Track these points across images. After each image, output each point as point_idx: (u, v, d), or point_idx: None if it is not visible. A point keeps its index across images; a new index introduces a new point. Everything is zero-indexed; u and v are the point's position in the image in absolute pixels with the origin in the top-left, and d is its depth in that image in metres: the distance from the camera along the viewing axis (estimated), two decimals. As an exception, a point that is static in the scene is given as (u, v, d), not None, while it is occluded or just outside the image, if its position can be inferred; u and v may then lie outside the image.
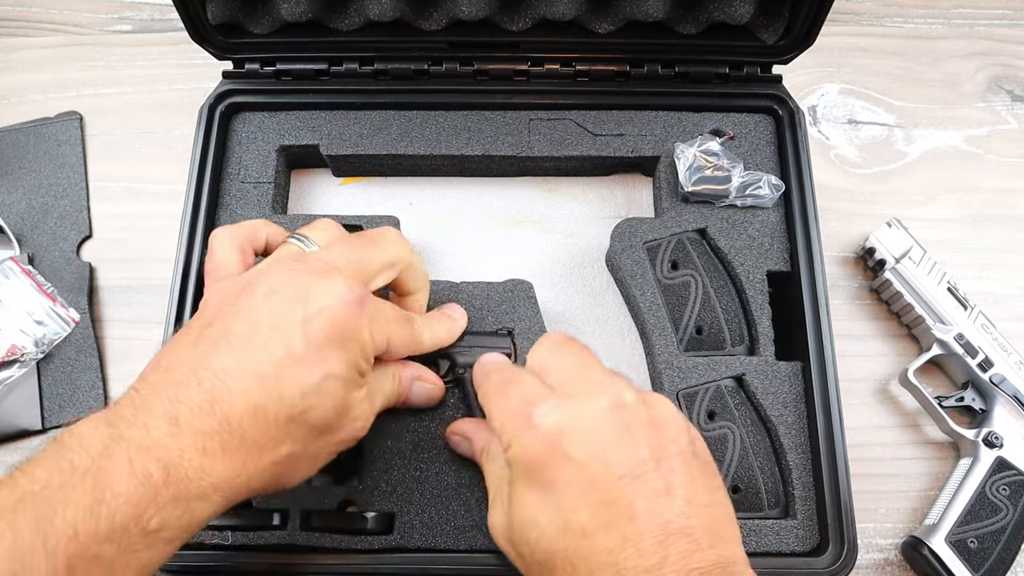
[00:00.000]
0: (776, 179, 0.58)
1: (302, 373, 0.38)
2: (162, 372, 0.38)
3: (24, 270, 0.60)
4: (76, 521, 0.32)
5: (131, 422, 0.35)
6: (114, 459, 0.33)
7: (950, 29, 0.73)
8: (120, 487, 0.33)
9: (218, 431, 0.36)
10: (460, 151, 0.61)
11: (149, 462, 0.34)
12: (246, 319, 0.39)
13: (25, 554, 0.31)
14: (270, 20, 0.59)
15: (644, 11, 0.57)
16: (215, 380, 0.36)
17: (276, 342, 0.38)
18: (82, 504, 0.32)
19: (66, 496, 0.32)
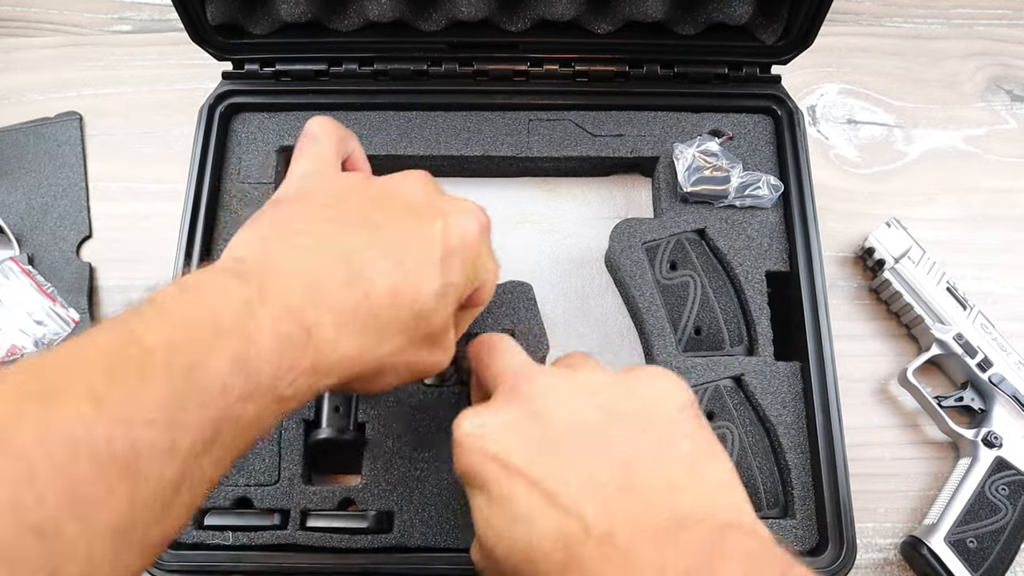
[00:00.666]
0: (775, 179, 0.58)
1: (438, 275, 0.37)
2: (293, 235, 0.37)
3: (24, 270, 0.61)
4: (224, 374, 0.30)
5: (267, 281, 0.33)
6: (256, 318, 0.31)
7: (950, 29, 0.73)
8: (265, 345, 0.31)
9: (354, 308, 0.34)
10: (460, 151, 0.61)
11: (291, 326, 0.32)
12: (388, 212, 0.39)
13: (179, 401, 0.28)
14: (270, 21, 0.59)
15: (643, 11, 0.57)
16: (356, 256, 0.36)
17: (419, 239, 0.37)
18: (229, 357, 0.30)
19: (215, 346, 0.30)
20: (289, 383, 0.32)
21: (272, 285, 0.33)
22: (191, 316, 0.30)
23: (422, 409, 0.54)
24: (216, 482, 0.31)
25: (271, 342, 0.31)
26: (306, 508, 0.51)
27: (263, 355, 0.31)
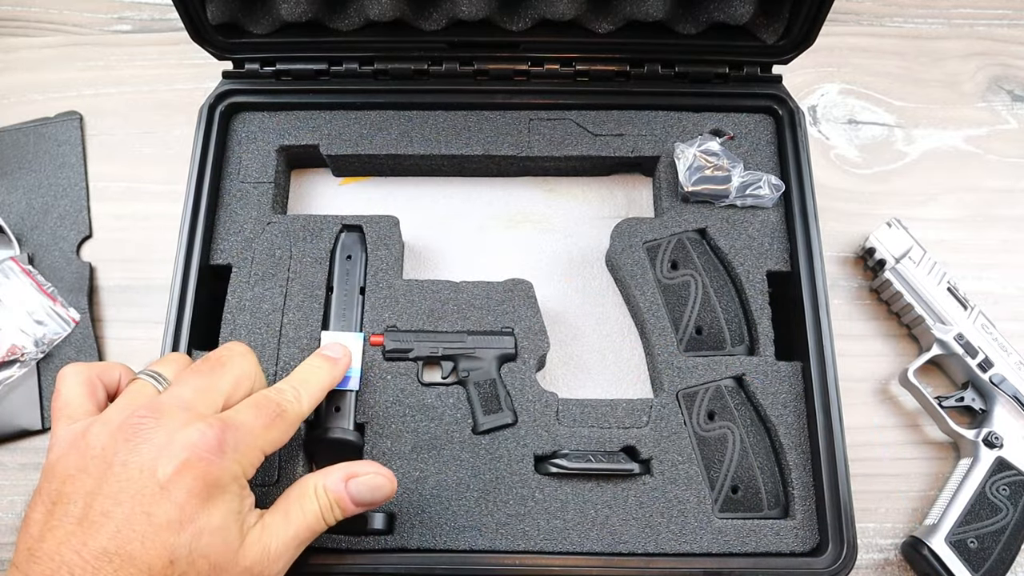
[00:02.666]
0: (776, 179, 0.58)
1: (168, 538, 0.37)
2: (32, 561, 0.36)
3: (24, 270, 0.60)
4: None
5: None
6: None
7: (950, 29, 0.72)
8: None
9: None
10: (460, 151, 0.61)
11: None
12: (106, 495, 0.37)
13: None
14: (270, 20, 0.59)
15: (644, 11, 0.57)
16: (86, 566, 0.35)
17: (139, 513, 0.37)
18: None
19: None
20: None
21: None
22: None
23: (422, 409, 0.53)
24: None
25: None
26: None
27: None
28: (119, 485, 0.37)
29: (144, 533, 0.36)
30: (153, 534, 0.36)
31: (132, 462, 0.38)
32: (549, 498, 0.51)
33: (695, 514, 0.51)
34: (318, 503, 0.43)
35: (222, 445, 0.39)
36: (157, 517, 0.37)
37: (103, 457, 0.39)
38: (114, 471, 0.38)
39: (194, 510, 0.37)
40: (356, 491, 0.44)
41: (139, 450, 0.38)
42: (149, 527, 0.36)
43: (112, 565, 0.36)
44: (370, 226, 0.58)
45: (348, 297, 0.56)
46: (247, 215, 0.59)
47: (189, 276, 0.55)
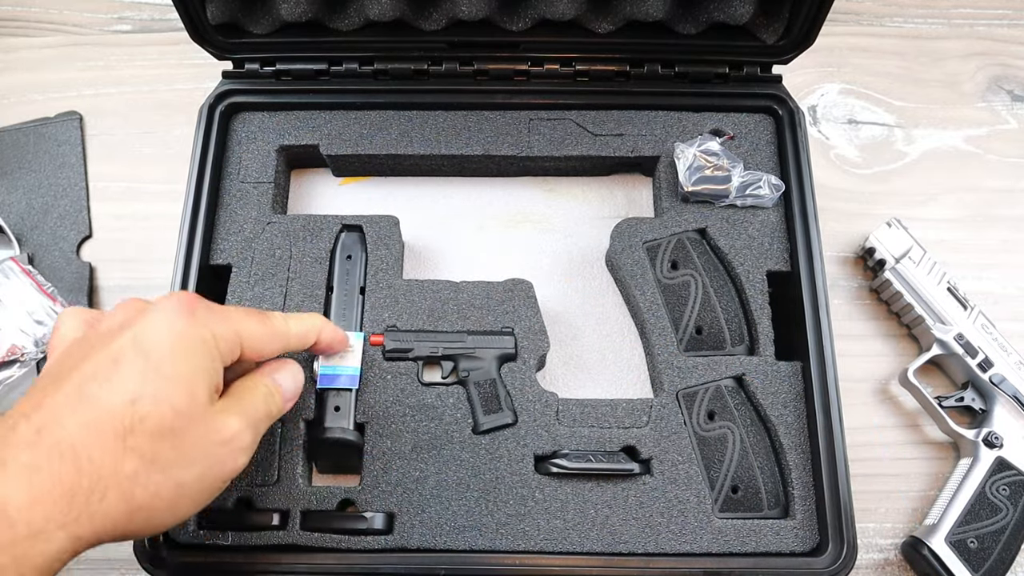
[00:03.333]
0: (776, 179, 0.58)
1: (130, 379, 0.37)
2: (14, 413, 0.37)
3: (24, 270, 0.60)
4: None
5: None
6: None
7: (950, 29, 0.72)
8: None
9: (47, 461, 0.35)
10: (460, 151, 0.61)
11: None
12: (82, 355, 0.39)
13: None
14: (270, 20, 0.59)
15: (644, 11, 0.57)
16: (44, 412, 0.36)
17: (105, 358, 0.38)
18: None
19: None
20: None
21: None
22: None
23: (422, 409, 0.53)
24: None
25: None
26: (306, 508, 0.51)
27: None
28: (92, 344, 0.39)
29: (107, 375, 0.37)
30: (116, 374, 0.37)
31: (110, 326, 0.40)
32: (549, 498, 0.51)
33: (695, 514, 0.51)
34: (260, 389, 0.44)
35: (193, 309, 0.40)
36: (122, 364, 0.37)
37: (90, 341, 0.40)
38: (93, 340, 0.39)
39: (159, 357, 0.38)
40: (288, 387, 0.46)
41: (115, 318, 0.41)
42: (111, 368, 0.37)
43: (71, 407, 0.36)
44: (370, 226, 0.58)
45: (348, 297, 0.56)
46: (247, 215, 0.59)
47: (189, 276, 0.55)
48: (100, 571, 0.55)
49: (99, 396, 0.37)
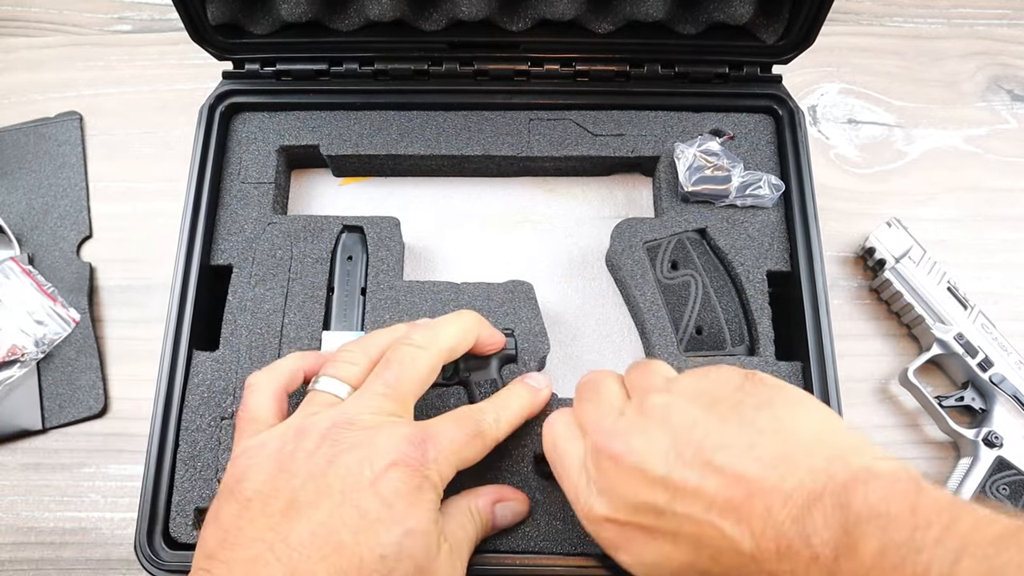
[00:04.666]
0: (776, 179, 0.58)
1: (380, 533, 0.36)
2: (232, 549, 0.36)
3: (24, 270, 0.61)
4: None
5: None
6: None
7: (950, 29, 0.73)
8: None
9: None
10: (460, 151, 0.61)
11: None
12: (314, 487, 0.37)
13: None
14: (270, 20, 0.59)
15: (644, 11, 0.57)
16: (292, 552, 0.35)
17: (349, 505, 0.36)
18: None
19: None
20: None
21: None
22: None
23: (422, 409, 0.53)
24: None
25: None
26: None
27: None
28: (326, 480, 0.37)
29: (355, 526, 0.36)
30: (365, 527, 0.36)
31: (339, 461, 0.38)
32: (549, 498, 0.51)
33: (695, 514, 0.51)
34: (474, 522, 0.44)
35: (425, 452, 0.39)
36: (368, 512, 0.36)
37: (308, 459, 0.38)
38: (319, 467, 0.38)
39: (403, 510, 0.37)
40: (500, 515, 0.46)
41: (343, 451, 0.38)
42: (360, 520, 0.36)
43: (320, 552, 0.35)
44: (371, 227, 0.58)
45: (349, 298, 0.56)
46: (247, 215, 0.59)
47: (189, 276, 0.55)
48: (100, 571, 0.55)
49: (346, 544, 0.35)
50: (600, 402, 0.41)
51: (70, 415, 0.58)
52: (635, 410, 0.39)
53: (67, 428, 0.58)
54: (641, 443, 0.37)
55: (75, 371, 0.59)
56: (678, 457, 0.35)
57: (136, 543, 0.49)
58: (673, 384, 0.40)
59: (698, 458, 0.35)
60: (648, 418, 0.38)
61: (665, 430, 0.37)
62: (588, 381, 0.44)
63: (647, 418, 0.38)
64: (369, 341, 0.46)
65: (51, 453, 0.58)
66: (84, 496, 0.57)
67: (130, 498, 0.56)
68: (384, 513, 0.36)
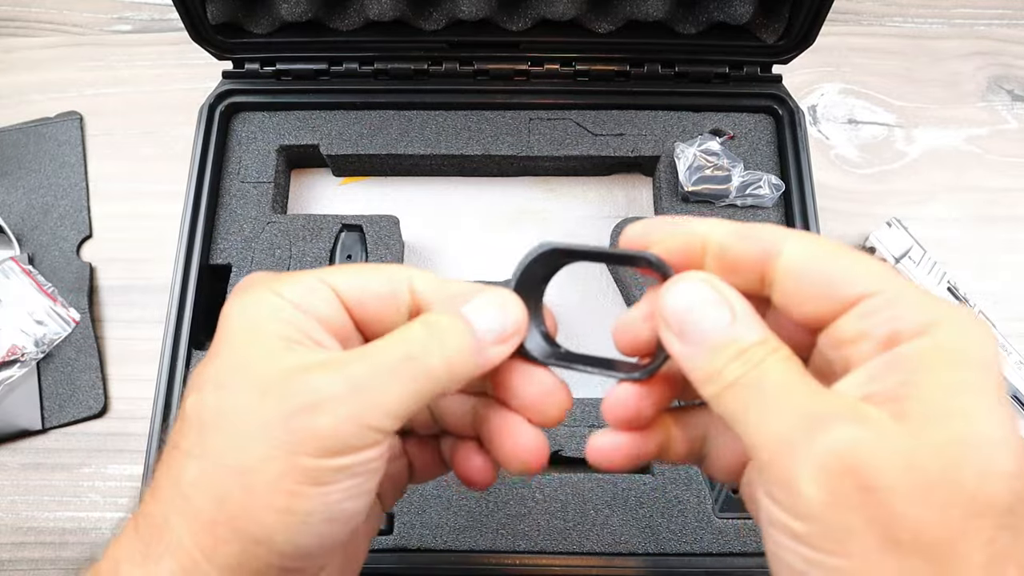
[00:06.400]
0: (776, 179, 0.58)
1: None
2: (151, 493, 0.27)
3: (24, 270, 0.60)
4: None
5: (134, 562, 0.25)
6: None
7: (950, 29, 0.72)
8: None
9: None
10: (460, 151, 0.61)
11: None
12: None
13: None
14: (270, 20, 0.59)
15: (644, 11, 0.57)
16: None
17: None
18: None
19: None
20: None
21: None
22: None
23: (422, 409, 0.53)
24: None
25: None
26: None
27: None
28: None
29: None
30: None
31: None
32: (549, 498, 0.51)
33: (695, 514, 0.51)
34: (416, 325, 0.27)
35: (251, 279, 0.29)
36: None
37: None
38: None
39: (216, 351, 0.27)
40: (484, 322, 0.28)
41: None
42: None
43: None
44: (370, 226, 0.58)
45: (348, 297, 0.56)
46: (247, 215, 0.59)
47: (189, 276, 0.55)
48: (100, 571, 0.55)
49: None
50: None
51: (70, 415, 0.58)
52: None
53: (67, 428, 0.58)
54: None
55: (75, 371, 0.59)
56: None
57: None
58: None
59: None
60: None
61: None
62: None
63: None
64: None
65: (51, 453, 0.58)
66: (84, 496, 0.57)
67: (130, 498, 0.56)
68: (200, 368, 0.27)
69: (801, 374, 0.23)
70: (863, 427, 0.21)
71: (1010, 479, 0.20)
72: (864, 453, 0.21)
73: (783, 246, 0.24)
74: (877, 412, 0.21)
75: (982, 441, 0.21)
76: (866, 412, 0.21)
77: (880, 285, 0.22)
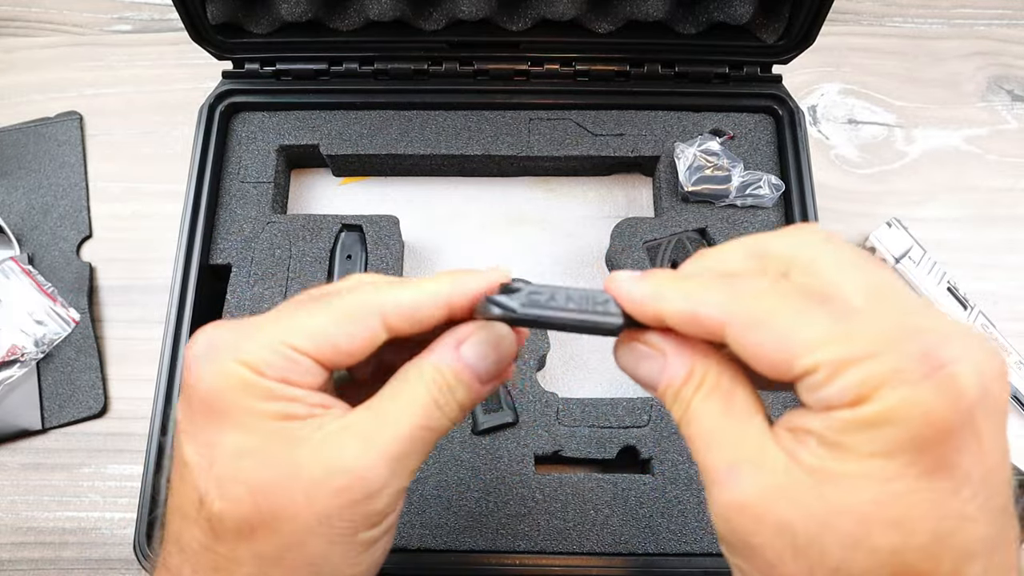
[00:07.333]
0: (776, 179, 0.58)
1: (191, 476, 0.28)
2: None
3: (24, 270, 0.60)
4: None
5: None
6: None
7: (950, 29, 0.72)
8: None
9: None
10: (460, 151, 0.61)
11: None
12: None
13: None
14: (270, 20, 0.59)
15: (644, 11, 0.57)
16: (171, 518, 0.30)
17: (176, 459, 0.29)
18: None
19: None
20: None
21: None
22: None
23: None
24: None
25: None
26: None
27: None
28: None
29: (175, 477, 0.29)
30: (177, 476, 0.29)
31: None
32: (549, 498, 0.51)
33: (695, 514, 0.51)
34: (425, 386, 0.29)
35: (209, 347, 0.28)
36: (179, 457, 0.28)
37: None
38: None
39: (207, 437, 0.28)
40: (473, 354, 0.29)
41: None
42: (176, 470, 0.29)
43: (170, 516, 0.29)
44: (370, 226, 0.58)
45: (348, 297, 0.56)
46: (247, 215, 0.59)
47: (189, 276, 0.55)
48: (99, 571, 0.55)
49: (172, 498, 0.30)
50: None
51: (70, 415, 0.58)
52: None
53: (67, 428, 0.58)
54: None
55: (75, 371, 0.59)
56: None
57: (135, 543, 0.49)
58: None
59: None
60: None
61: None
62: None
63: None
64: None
65: (51, 453, 0.58)
66: (84, 496, 0.57)
67: (129, 498, 0.56)
68: (191, 450, 0.28)
69: (720, 415, 0.26)
70: (754, 480, 0.24)
71: (876, 555, 0.22)
72: (750, 506, 0.24)
73: (725, 331, 0.25)
74: (778, 461, 0.24)
75: (861, 515, 0.22)
76: (765, 462, 0.24)
77: (822, 356, 0.23)
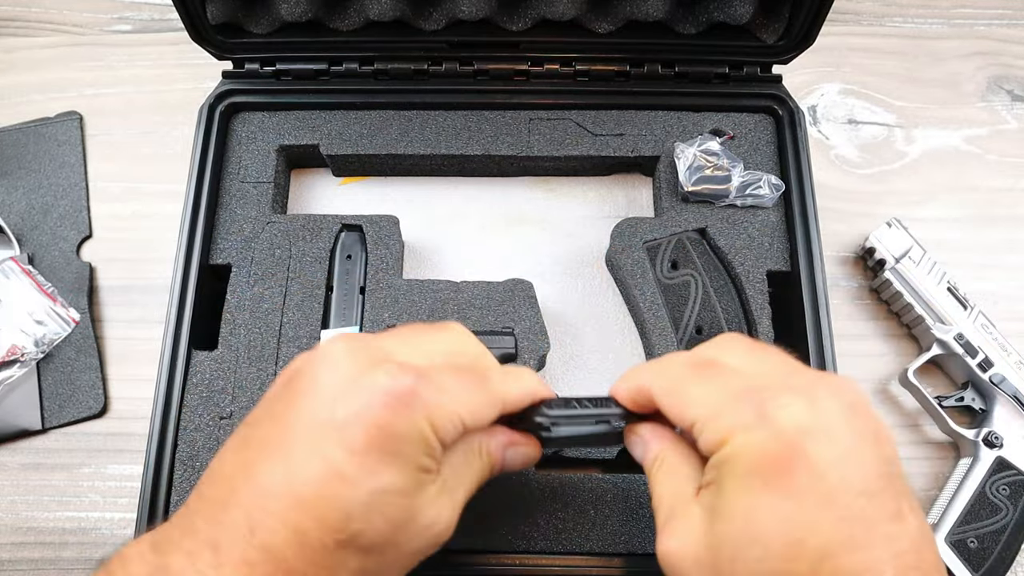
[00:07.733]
0: (776, 179, 0.58)
1: (344, 491, 0.32)
2: (210, 484, 0.34)
3: (24, 270, 0.61)
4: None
5: (176, 546, 0.32)
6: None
7: (950, 29, 0.72)
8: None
9: (261, 560, 0.31)
10: (460, 151, 0.61)
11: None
12: (284, 422, 0.34)
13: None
14: (270, 20, 0.59)
15: (644, 11, 0.57)
16: (254, 500, 0.32)
17: (313, 453, 0.32)
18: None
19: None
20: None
21: (183, 548, 0.33)
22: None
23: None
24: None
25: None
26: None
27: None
28: (300, 411, 0.33)
29: (320, 478, 0.32)
30: (330, 481, 0.32)
31: (318, 387, 0.34)
32: (549, 498, 0.51)
33: (695, 514, 0.51)
34: (481, 460, 0.38)
35: (414, 396, 0.33)
36: (335, 462, 0.32)
37: (297, 372, 0.35)
38: (297, 394, 0.34)
39: (374, 464, 0.32)
40: (511, 458, 0.40)
41: (331, 372, 0.34)
42: (326, 472, 0.32)
43: (280, 505, 0.31)
44: (370, 226, 0.58)
45: (348, 297, 0.56)
46: (247, 215, 0.59)
47: (189, 276, 0.55)
48: (100, 571, 0.55)
49: (316, 505, 0.33)
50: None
51: (70, 415, 0.58)
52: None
53: (67, 428, 0.58)
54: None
55: (75, 371, 0.59)
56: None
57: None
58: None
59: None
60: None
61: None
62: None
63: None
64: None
65: (51, 453, 0.58)
66: (83, 496, 0.57)
67: (129, 498, 0.56)
68: (353, 467, 0.32)
69: (667, 483, 0.36)
70: (679, 529, 0.34)
71: (747, 564, 0.31)
72: (674, 550, 0.34)
73: (655, 399, 0.37)
74: (695, 513, 0.34)
75: (734, 538, 0.31)
76: (689, 516, 0.34)
77: (697, 413, 0.34)
